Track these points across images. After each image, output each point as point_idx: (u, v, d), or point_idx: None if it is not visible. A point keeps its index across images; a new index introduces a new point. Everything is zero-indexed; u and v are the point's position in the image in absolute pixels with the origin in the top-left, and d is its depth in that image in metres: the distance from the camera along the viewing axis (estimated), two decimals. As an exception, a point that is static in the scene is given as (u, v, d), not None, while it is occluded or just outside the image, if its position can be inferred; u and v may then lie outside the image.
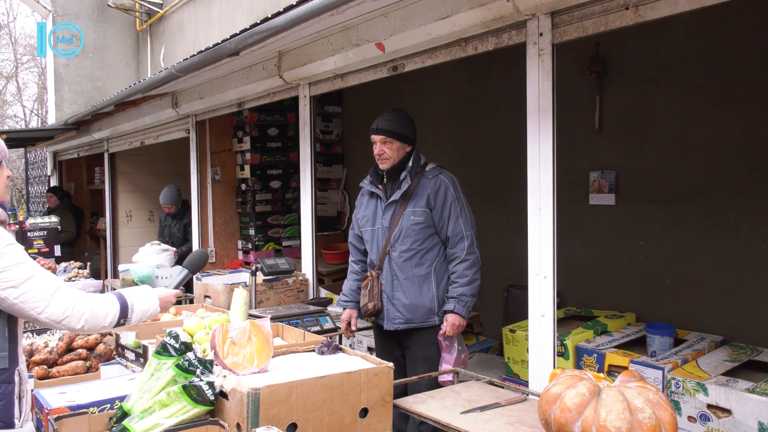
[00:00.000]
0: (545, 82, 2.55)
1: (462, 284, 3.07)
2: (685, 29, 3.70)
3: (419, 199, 3.13)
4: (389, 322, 3.18)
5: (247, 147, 6.25)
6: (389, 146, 3.16)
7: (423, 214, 3.12)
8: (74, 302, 1.96)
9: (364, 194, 3.39)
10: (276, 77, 4.19)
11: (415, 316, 3.12)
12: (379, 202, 3.26)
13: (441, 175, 3.17)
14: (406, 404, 2.42)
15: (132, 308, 2.14)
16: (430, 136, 5.54)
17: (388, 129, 3.17)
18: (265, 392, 1.89)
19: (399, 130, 3.17)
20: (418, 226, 3.12)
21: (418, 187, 3.14)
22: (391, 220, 3.18)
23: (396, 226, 3.15)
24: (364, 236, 3.35)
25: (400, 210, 3.16)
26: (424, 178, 3.17)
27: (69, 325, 1.95)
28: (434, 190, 3.12)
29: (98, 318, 2.02)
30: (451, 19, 2.78)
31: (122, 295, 2.16)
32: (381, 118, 3.22)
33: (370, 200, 3.33)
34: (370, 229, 3.30)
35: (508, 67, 4.61)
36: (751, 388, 2.83)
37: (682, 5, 2.16)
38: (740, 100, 3.55)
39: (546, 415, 1.89)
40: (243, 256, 6.45)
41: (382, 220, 3.22)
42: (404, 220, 3.14)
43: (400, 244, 3.14)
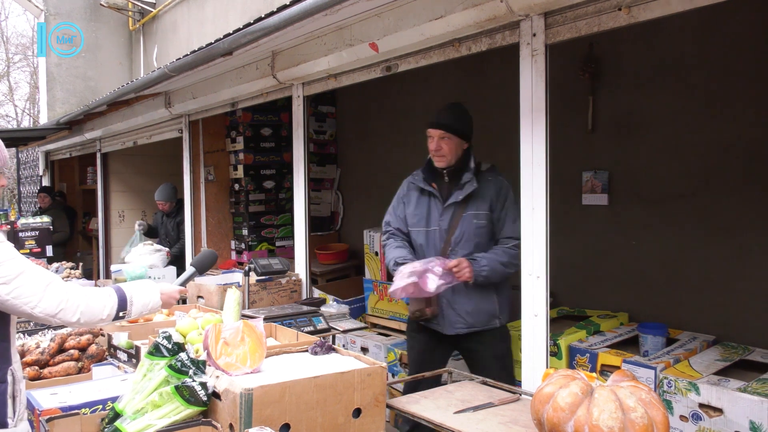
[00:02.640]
0: (538, 83, 2.56)
1: (495, 258, 2.97)
2: (679, 30, 3.71)
3: (481, 201, 3.02)
4: (450, 327, 3.07)
5: (240, 147, 6.24)
6: (447, 142, 3.02)
7: (485, 217, 3.02)
8: (68, 295, 1.94)
9: (412, 190, 3.23)
10: (269, 77, 4.19)
11: (477, 321, 3.04)
12: (434, 201, 3.12)
13: (500, 177, 3.09)
14: (399, 404, 2.42)
15: (131, 301, 2.13)
16: (423, 136, 5.53)
17: (448, 123, 3.02)
18: (258, 393, 1.89)
19: (459, 125, 3.05)
20: (481, 230, 3.02)
21: (480, 187, 3.03)
22: (450, 223, 3.04)
23: (456, 228, 3.02)
24: (414, 236, 3.20)
25: (460, 212, 3.03)
26: (483, 179, 3.06)
27: (64, 318, 1.94)
28: (497, 193, 3.03)
29: (94, 311, 2.01)
30: (445, 19, 2.78)
31: (121, 288, 2.14)
32: (440, 111, 3.10)
33: (421, 198, 3.18)
34: (423, 230, 3.15)
35: (501, 67, 4.62)
36: (743, 387, 2.84)
37: (675, 6, 2.17)
38: (733, 101, 3.56)
39: (539, 414, 1.90)
40: (236, 257, 6.44)
41: (439, 222, 3.08)
42: (465, 223, 3.02)
43: (461, 248, 3.01)
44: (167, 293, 2.30)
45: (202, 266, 2.58)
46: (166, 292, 2.30)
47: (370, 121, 6.18)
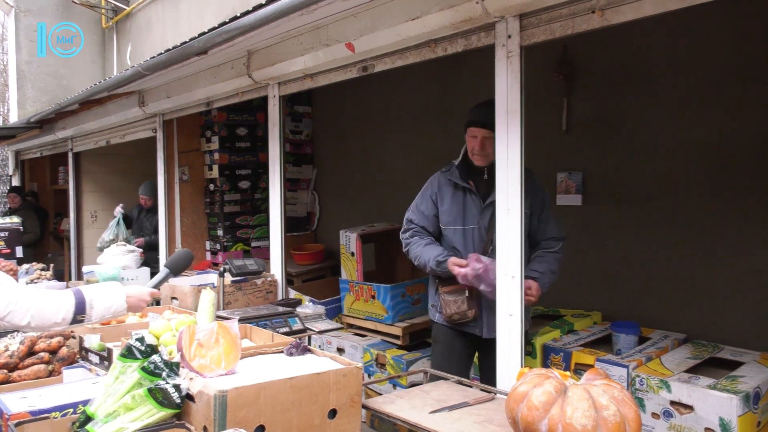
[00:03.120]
0: (513, 84, 2.58)
1: (548, 269, 3.01)
2: (651, 33, 3.76)
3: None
4: (489, 331, 2.97)
5: (215, 147, 6.20)
6: (489, 142, 2.94)
7: (526, 217, 2.87)
8: (17, 297, 1.88)
9: (445, 186, 3.14)
10: (245, 77, 4.16)
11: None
12: (472, 198, 3.05)
13: (533, 176, 3.01)
14: (375, 404, 2.42)
15: (90, 304, 2.05)
16: (400, 137, 5.55)
17: (493, 122, 2.82)
18: (232, 394, 1.87)
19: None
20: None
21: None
22: (490, 221, 2.94)
23: (494, 229, 2.87)
24: (449, 235, 3.10)
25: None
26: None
27: (13, 321, 1.89)
28: (534, 192, 2.99)
29: (46, 314, 1.93)
30: (421, 20, 2.79)
31: (80, 291, 2.06)
32: (482, 109, 2.97)
33: (456, 194, 3.08)
34: (460, 228, 3.06)
35: (477, 68, 4.65)
36: (713, 384, 2.89)
37: (647, 9, 2.20)
38: (703, 104, 3.62)
39: (513, 413, 1.91)
40: (211, 257, 6.39)
41: (479, 221, 3.02)
42: None
43: None
44: (135, 296, 2.21)
45: (176, 267, 2.49)
46: (134, 295, 2.21)
47: (347, 121, 6.18)
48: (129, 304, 2.19)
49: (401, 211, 5.51)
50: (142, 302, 2.24)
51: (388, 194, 5.71)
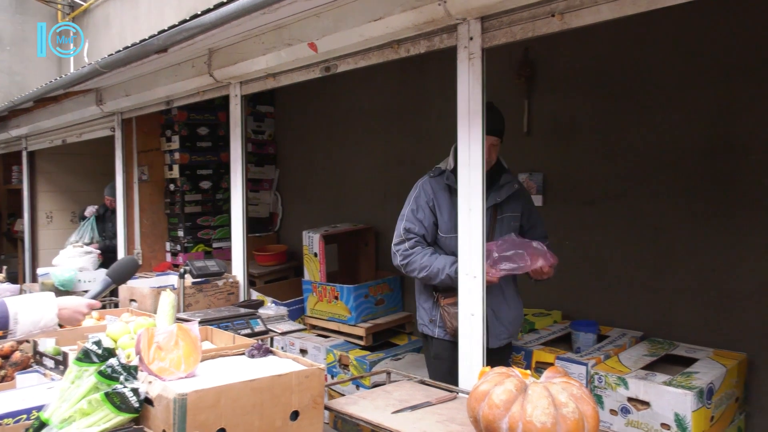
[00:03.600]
0: (475, 86, 2.60)
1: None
2: (609, 37, 3.84)
3: (515, 203, 2.98)
4: (495, 340, 2.92)
5: (176, 146, 6.10)
6: (496, 149, 2.91)
7: (519, 219, 3.00)
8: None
9: (441, 191, 3.01)
10: (206, 75, 4.11)
11: (516, 329, 3.00)
12: None
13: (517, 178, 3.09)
14: (338, 405, 2.41)
15: (15, 319, 1.91)
16: (363, 137, 5.55)
17: (503, 129, 2.90)
18: (192, 397, 1.84)
19: (503, 129, 2.95)
20: (517, 232, 2.97)
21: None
22: (488, 227, 2.85)
23: (495, 231, 2.90)
24: (448, 242, 2.96)
25: (495, 214, 2.92)
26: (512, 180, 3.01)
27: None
28: (526, 195, 3.06)
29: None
30: (383, 21, 2.79)
31: (5, 304, 1.93)
32: (491, 116, 2.80)
33: (453, 200, 2.90)
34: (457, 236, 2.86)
35: (441, 69, 4.68)
36: (668, 380, 2.97)
37: (605, 14, 2.24)
38: (660, 107, 3.71)
39: (475, 412, 1.93)
40: (171, 259, 6.29)
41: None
42: (504, 225, 2.93)
43: None
44: (70, 308, 2.05)
45: (119, 276, 2.32)
46: (69, 307, 2.05)
47: (310, 121, 6.15)
48: (62, 317, 2.04)
49: (364, 212, 5.56)
50: (77, 315, 2.09)
51: (351, 195, 5.70)
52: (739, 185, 3.43)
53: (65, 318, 2.04)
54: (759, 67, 3.33)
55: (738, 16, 3.36)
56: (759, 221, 3.35)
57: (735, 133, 3.43)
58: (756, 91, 3.35)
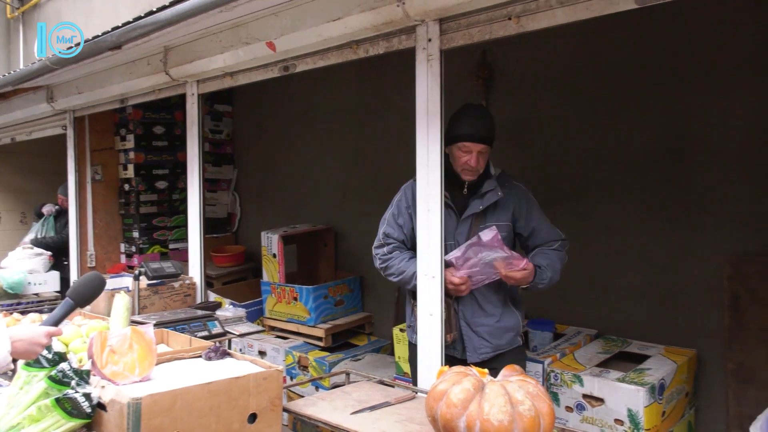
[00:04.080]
0: (434, 87, 2.62)
1: (550, 263, 2.74)
2: (564, 41, 3.91)
3: (502, 211, 2.77)
4: (473, 354, 2.76)
5: (130, 145, 5.98)
6: (484, 156, 2.75)
7: (506, 228, 2.77)
8: None
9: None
10: (162, 73, 4.04)
11: (504, 342, 2.77)
12: (449, 212, 2.78)
13: (516, 182, 2.87)
14: (296, 407, 2.40)
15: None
16: (322, 137, 5.53)
17: (490, 136, 2.73)
18: (147, 401, 1.81)
19: (494, 135, 2.78)
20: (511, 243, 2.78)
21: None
22: (467, 235, 2.74)
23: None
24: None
25: (477, 223, 2.75)
26: (501, 186, 2.80)
27: None
28: (518, 200, 2.80)
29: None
30: (342, 21, 2.79)
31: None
32: (476, 121, 2.74)
33: None
34: None
35: (400, 70, 4.69)
36: (621, 377, 3.04)
37: (560, 18, 2.28)
38: (614, 110, 3.79)
39: (433, 411, 1.94)
40: (126, 260, 6.16)
41: (456, 236, 2.77)
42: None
43: None
44: (26, 339, 1.77)
45: (82, 297, 2.01)
46: (24, 338, 1.77)
47: (269, 121, 6.10)
48: (17, 351, 1.76)
49: (323, 212, 5.54)
50: (35, 347, 1.80)
51: (310, 195, 5.68)
52: (687, 188, 3.53)
53: (20, 351, 1.76)
54: (706, 75, 3.43)
55: (687, 25, 3.46)
56: (706, 222, 3.45)
57: (684, 138, 3.53)
58: (703, 99, 3.45)
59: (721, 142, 3.39)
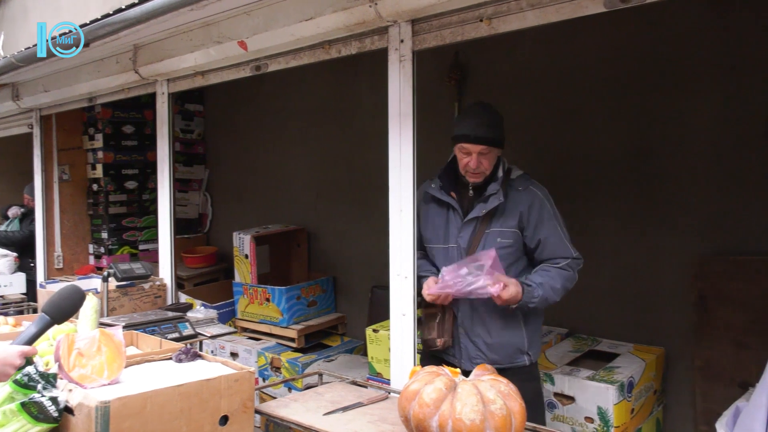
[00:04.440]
0: (406, 87, 2.62)
1: (547, 281, 2.55)
2: (534, 43, 3.94)
3: (508, 217, 2.58)
4: (467, 361, 2.63)
5: (99, 145, 5.89)
6: (487, 157, 2.57)
7: (512, 235, 2.58)
8: None
9: (428, 201, 2.75)
10: (131, 72, 3.98)
11: (501, 357, 2.60)
12: (453, 214, 2.67)
13: (533, 187, 2.66)
14: (268, 409, 2.38)
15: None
16: (295, 137, 5.51)
17: (490, 137, 2.54)
18: (115, 405, 1.78)
19: (499, 135, 2.59)
20: (505, 251, 2.57)
21: (507, 200, 2.59)
22: (470, 241, 2.61)
23: (477, 247, 2.58)
24: (431, 253, 2.75)
25: (482, 228, 2.59)
26: (512, 189, 2.61)
27: None
28: (528, 207, 2.59)
29: None
30: (315, 21, 2.78)
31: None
32: (475, 120, 2.58)
33: (439, 210, 2.70)
34: (440, 246, 2.70)
35: (373, 70, 4.69)
36: (591, 375, 3.08)
37: (530, 20, 2.31)
38: (584, 111, 3.84)
39: (405, 411, 1.94)
40: (95, 261, 6.06)
41: (458, 239, 2.64)
42: (488, 241, 2.58)
43: None
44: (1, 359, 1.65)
45: (60, 312, 1.86)
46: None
47: (241, 120, 6.05)
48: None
49: (296, 213, 5.52)
50: (6, 367, 1.69)
51: (283, 195, 5.65)
52: (655, 189, 3.59)
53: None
54: (672, 78, 3.49)
55: (653, 29, 3.51)
56: (674, 223, 3.51)
57: (652, 140, 3.59)
58: (669, 102, 3.51)
59: (687, 144, 3.46)
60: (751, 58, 3.22)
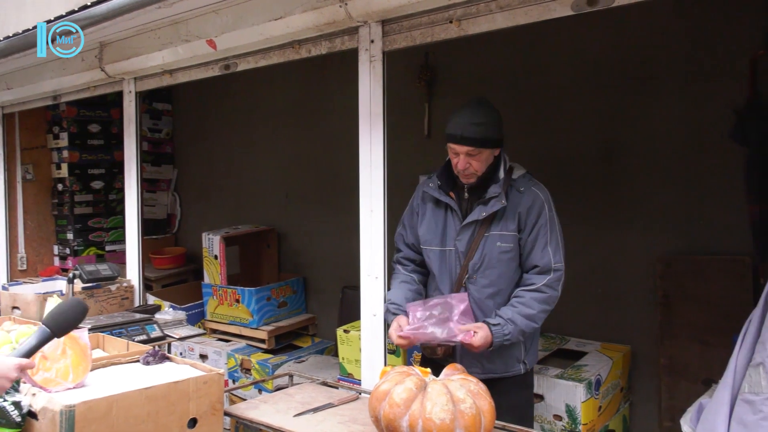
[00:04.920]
0: (376, 88, 2.63)
1: (520, 311, 2.41)
2: (503, 46, 3.98)
3: (508, 219, 2.44)
4: (467, 367, 2.39)
5: (64, 144, 5.77)
6: (477, 158, 2.41)
7: (513, 239, 2.45)
8: None
9: (426, 200, 2.61)
10: (97, 70, 3.92)
11: (497, 366, 2.50)
12: (452, 215, 2.53)
13: (535, 188, 2.52)
14: (238, 411, 2.36)
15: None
16: (265, 137, 5.47)
17: (478, 137, 2.38)
18: (81, 409, 1.75)
19: (491, 134, 2.42)
20: (506, 255, 2.46)
21: (508, 202, 2.45)
22: (468, 244, 2.47)
23: (476, 251, 2.45)
24: (428, 256, 2.59)
25: (482, 231, 2.46)
26: (513, 190, 2.48)
27: None
28: (527, 208, 2.46)
29: None
30: (284, 20, 2.77)
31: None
32: (463, 119, 2.41)
33: (437, 210, 2.56)
34: (437, 249, 2.55)
35: (343, 70, 4.68)
36: (560, 374, 3.12)
37: (500, 22, 2.33)
38: (551, 112, 3.88)
39: (376, 412, 1.94)
40: (60, 263, 5.95)
41: (456, 242, 2.50)
42: (488, 245, 2.44)
43: (481, 277, 2.46)
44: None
45: (61, 326, 1.79)
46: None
47: (210, 120, 5.99)
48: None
49: (266, 213, 5.49)
50: (4, 380, 1.62)
51: (252, 196, 5.61)
52: (620, 190, 3.64)
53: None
54: (636, 80, 3.55)
55: (617, 33, 3.57)
56: (639, 223, 3.57)
57: (616, 141, 3.65)
58: (634, 102, 3.56)
59: (651, 146, 3.52)
60: (715, 61, 3.29)
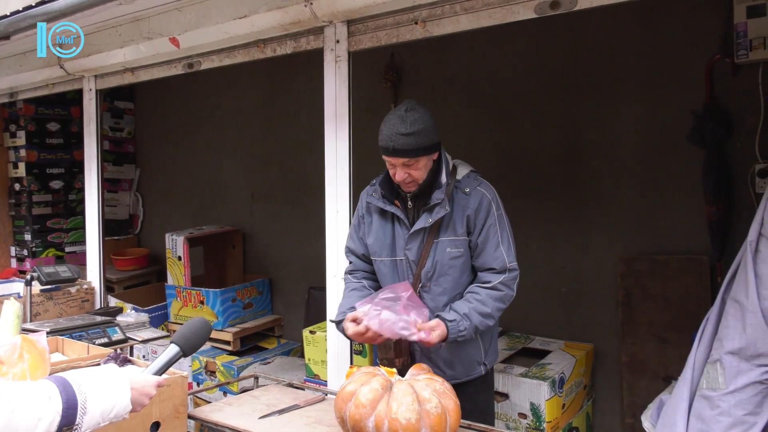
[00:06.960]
0: (342, 88, 2.63)
1: (476, 308, 2.31)
2: (469, 47, 4.01)
3: (457, 223, 2.35)
4: None
5: (21, 143, 5.63)
6: (415, 167, 2.29)
7: (463, 244, 2.37)
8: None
9: (372, 211, 2.48)
10: (56, 67, 3.84)
11: (458, 372, 2.44)
12: (399, 225, 2.42)
13: (480, 187, 2.40)
14: (202, 414, 2.33)
15: (84, 408, 1.36)
16: (230, 137, 5.42)
17: (411, 148, 2.24)
18: (38, 415, 1.71)
19: (424, 142, 2.27)
20: (458, 261, 2.37)
21: (453, 205, 2.35)
22: (419, 252, 2.37)
23: (427, 259, 2.36)
24: (378, 266, 2.49)
25: (431, 238, 2.36)
26: (459, 192, 2.38)
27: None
28: (474, 210, 2.36)
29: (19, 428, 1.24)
30: (249, 19, 2.75)
31: (68, 385, 1.37)
32: (393, 130, 2.25)
33: (383, 220, 2.44)
34: (387, 260, 2.44)
35: (309, 70, 4.66)
36: (524, 372, 3.15)
37: (464, 24, 2.35)
38: (516, 114, 3.92)
39: (342, 413, 1.94)
40: (17, 264, 5.80)
41: (406, 251, 2.39)
42: (438, 252, 2.36)
43: (435, 285, 2.38)
44: (138, 389, 1.55)
45: (189, 345, 1.80)
46: (137, 387, 1.55)
47: (174, 119, 5.91)
48: (132, 400, 1.53)
49: (230, 214, 5.43)
50: (144, 397, 1.59)
51: (217, 196, 5.55)
52: (584, 190, 3.70)
53: (134, 401, 1.54)
54: (597, 83, 3.61)
55: (580, 37, 3.62)
56: (601, 223, 3.63)
57: (580, 143, 3.70)
58: (595, 105, 3.63)
59: (612, 148, 3.58)
60: (673, 65, 3.36)
